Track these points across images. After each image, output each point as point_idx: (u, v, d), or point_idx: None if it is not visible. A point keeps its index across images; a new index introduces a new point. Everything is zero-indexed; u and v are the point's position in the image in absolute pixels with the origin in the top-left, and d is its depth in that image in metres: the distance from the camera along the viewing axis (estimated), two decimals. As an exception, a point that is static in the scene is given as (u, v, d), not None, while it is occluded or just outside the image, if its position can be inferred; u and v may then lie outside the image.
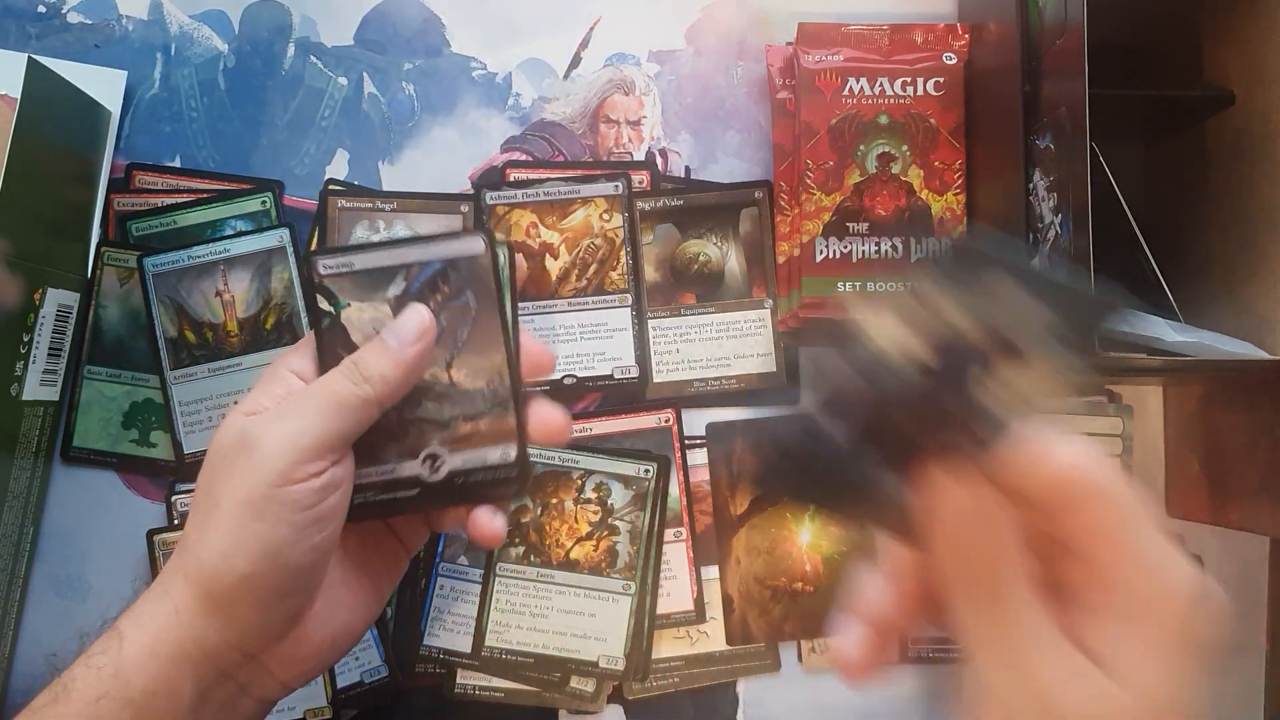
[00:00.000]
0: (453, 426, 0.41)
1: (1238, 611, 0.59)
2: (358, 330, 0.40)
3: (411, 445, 0.41)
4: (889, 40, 0.58)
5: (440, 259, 0.40)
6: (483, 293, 0.41)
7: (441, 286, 0.41)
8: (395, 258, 0.40)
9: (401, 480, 0.40)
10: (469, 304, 0.41)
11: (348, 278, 0.40)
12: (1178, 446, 0.58)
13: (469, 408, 0.41)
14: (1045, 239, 0.49)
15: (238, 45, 0.61)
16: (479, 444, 0.41)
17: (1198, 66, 0.55)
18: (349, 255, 0.40)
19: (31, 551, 0.57)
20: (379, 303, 0.40)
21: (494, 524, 0.41)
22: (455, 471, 0.41)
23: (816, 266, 0.56)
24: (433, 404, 0.41)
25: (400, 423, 0.40)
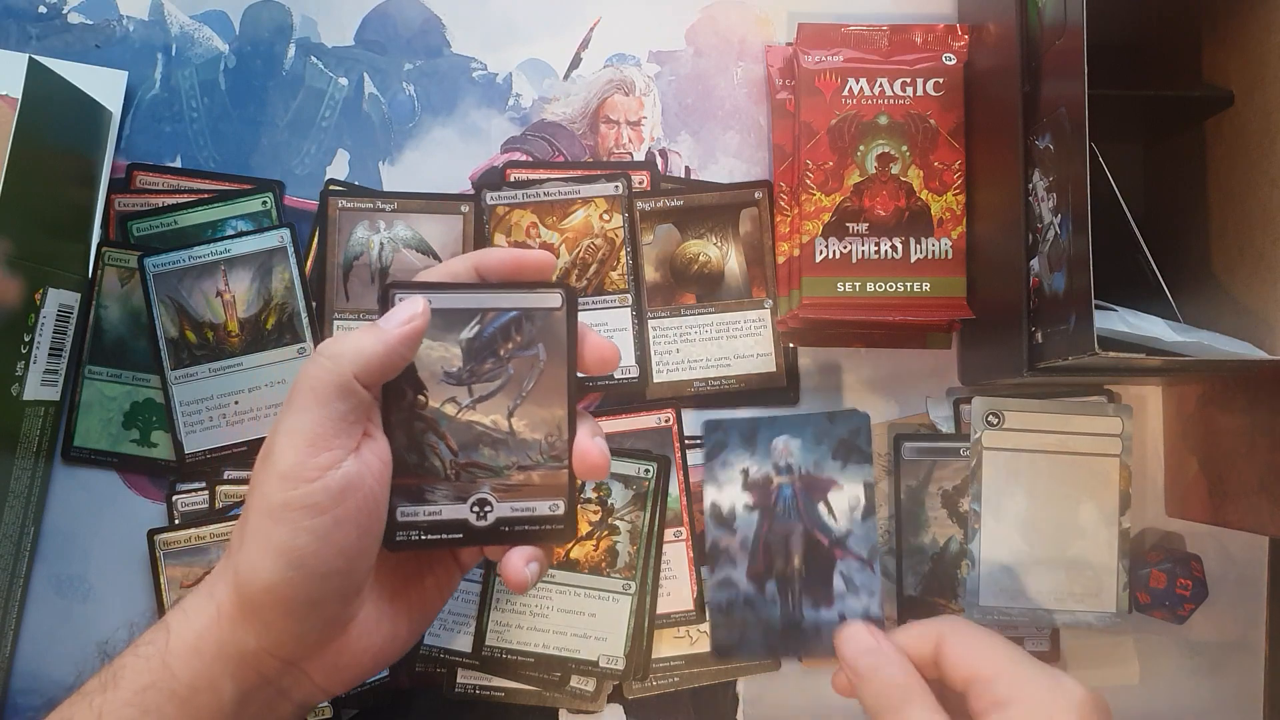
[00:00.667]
0: (506, 475, 0.41)
1: (1237, 611, 0.59)
2: (425, 368, 0.41)
3: (463, 489, 0.41)
4: (889, 41, 0.58)
5: (517, 308, 0.41)
6: (553, 346, 0.41)
7: (514, 335, 0.41)
8: (473, 302, 0.41)
9: (448, 523, 0.41)
10: (538, 356, 0.41)
11: None
12: (1177, 446, 0.58)
13: (524, 458, 0.41)
14: (1045, 239, 0.49)
15: (238, 46, 0.61)
16: (530, 495, 0.41)
17: (1198, 66, 0.55)
18: (427, 293, 0.41)
19: (32, 551, 0.57)
20: (451, 344, 0.41)
21: (525, 571, 0.41)
22: (502, 519, 0.41)
23: (816, 267, 0.56)
24: (489, 450, 0.41)
25: (454, 466, 0.41)
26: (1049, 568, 0.56)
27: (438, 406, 0.41)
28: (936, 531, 0.57)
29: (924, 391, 0.59)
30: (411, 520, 0.41)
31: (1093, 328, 0.43)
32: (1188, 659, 0.59)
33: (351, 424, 0.38)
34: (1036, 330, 0.49)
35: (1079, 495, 0.56)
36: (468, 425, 0.41)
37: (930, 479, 0.57)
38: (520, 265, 0.43)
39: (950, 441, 0.57)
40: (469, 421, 0.41)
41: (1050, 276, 0.48)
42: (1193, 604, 0.57)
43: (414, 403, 0.41)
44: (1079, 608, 0.55)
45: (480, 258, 0.43)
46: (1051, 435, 0.56)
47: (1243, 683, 0.59)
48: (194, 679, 0.37)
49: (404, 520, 0.40)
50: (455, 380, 0.41)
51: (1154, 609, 0.57)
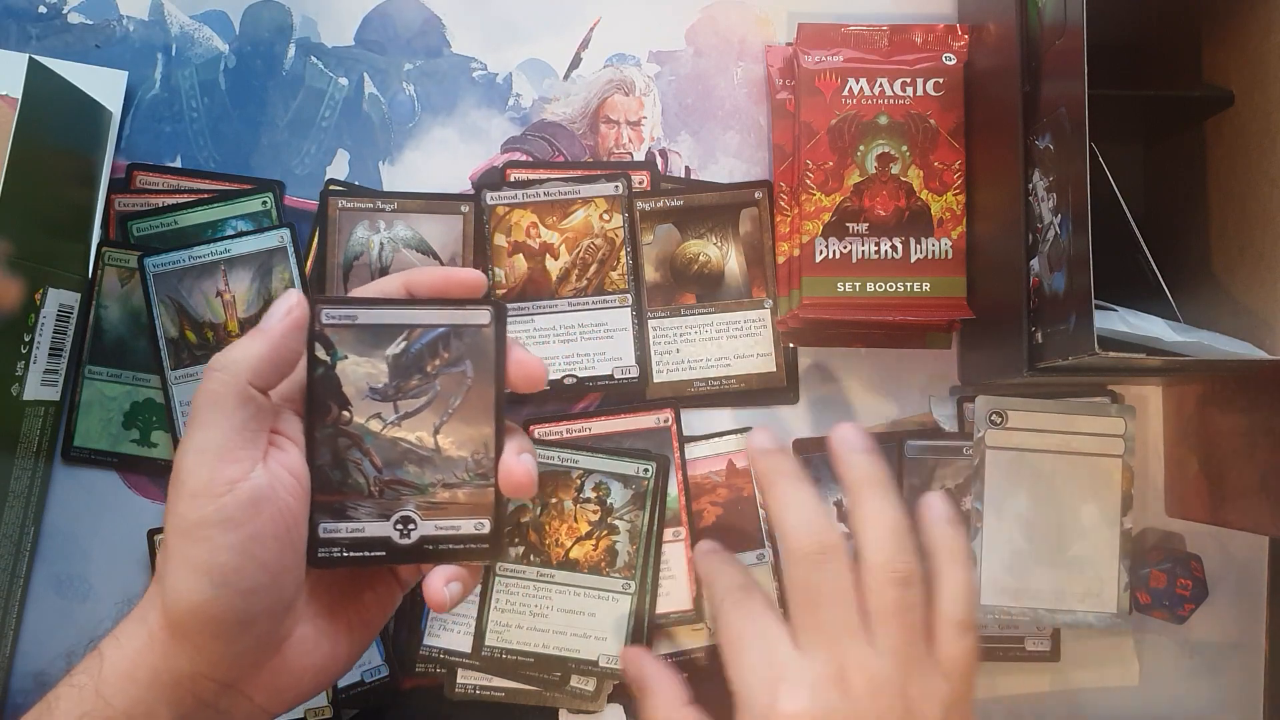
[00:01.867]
0: (430, 492, 0.41)
1: (1237, 611, 0.59)
2: (350, 383, 0.40)
3: (386, 507, 0.40)
4: (889, 41, 0.58)
5: (445, 324, 0.41)
6: (481, 364, 0.41)
7: (442, 352, 0.41)
8: (400, 317, 0.41)
9: (370, 540, 0.40)
10: (466, 373, 0.41)
11: (350, 330, 0.40)
12: (1177, 446, 0.58)
13: (450, 476, 0.41)
14: (1045, 239, 0.49)
15: (238, 45, 0.61)
16: (455, 514, 0.41)
17: (1198, 66, 0.55)
18: (354, 308, 0.40)
19: (32, 551, 0.57)
20: (378, 360, 0.40)
21: (444, 591, 0.40)
22: (426, 538, 0.41)
23: (816, 267, 0.56)
24: (414, 467, 0.41)
25: (378, 483, 0.40)
26: (1050, 567, 0.56)
27: (362, 422, 0.40)
28: (937, 531, 0.57)
29: (924, 391, 0.59)
30: (333, 537, 0.40)
31: (1093, 328, 0.43)
32: (1188, 659, 0.59)
33: (254, 432, 0.38)
34: (1036, 330, 0.49)
35: (1081, 495, 0.56)
36: (393, 442, 0.41)
37: (933, 478, 0.57)
38: (450, 283, 0.43)
39: (953, 440, 0.57)
40: (394, 438, 0.41)
41: (1050, 276, 0.48)
42: (1193, 604, 0.57)
43: (338, 418, 0.40)
44: (1079, 608, 0.55)
45: (410, 276, 0.43)
46: (1054, 435, 0.56)
47: (1243, 683, 0.59)
48: (130, 707, 0.37)
49: (326, 537, 0.40)
50: (381, 396, 0.40)
51: (1154, 609, 0.57)
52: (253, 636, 0.38)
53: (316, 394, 0.40)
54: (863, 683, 0.41)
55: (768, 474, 0.45)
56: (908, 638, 0.42)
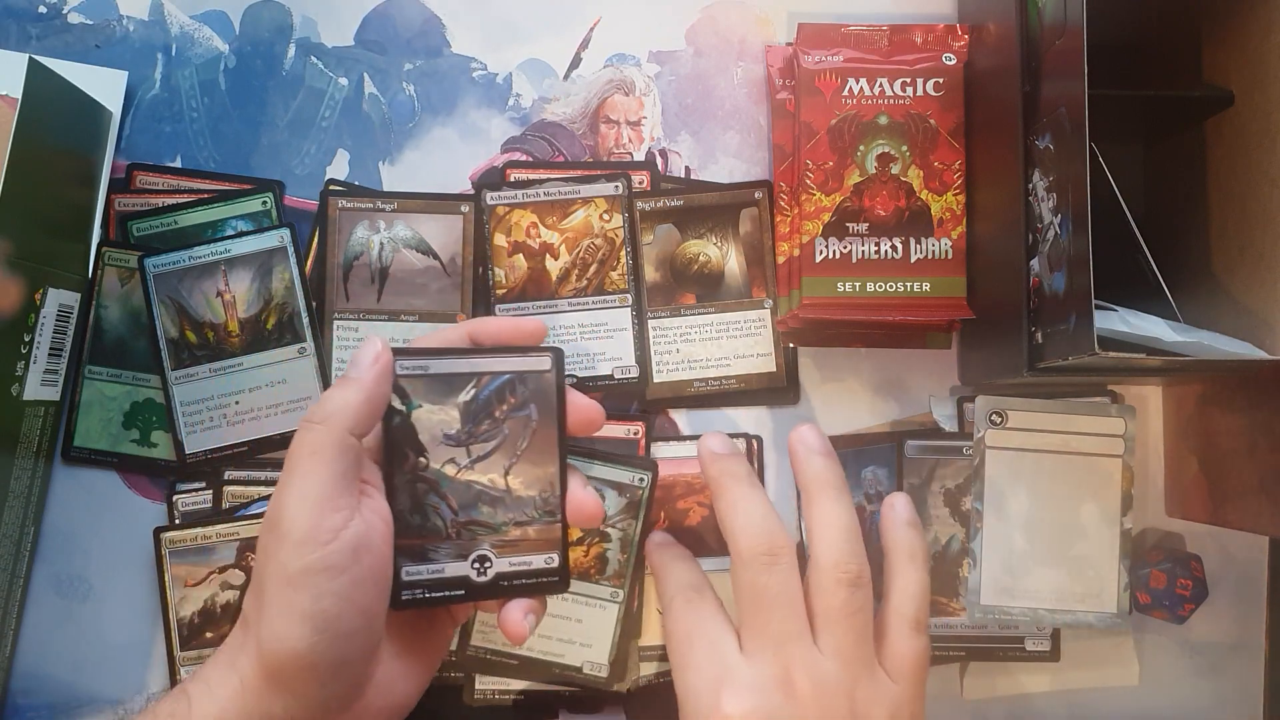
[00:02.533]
0: (503, 531, 0.43)
1: (1237, 611, 0.59)
2: (425, 431, 0.42)
3: (463, 547, 0.43)
4: (889, 41, 0.58)
5: (511, 371, 0.43)
6: (545, 407, 0.44)
7: (509, 397, 0.43)
8: (469, 366, 0.43)
9: (450, 580, 0.42)
10: (531, 416, 0.43)
11: (422, 380, 0.43)
12: (1177, 446, 0.58)
13: (520, 515, 0.43)
14: (1045, 239, 0.49)
15: (238, 45, 0.61)
16: (526, 550, 0.43)
17: (1198, 66, 0.55)
18: (425, 359, 0.43)
19: (32, 551, 0.57)
20: (450, 407, 0.43)
21: (524, 624, 0.43)
22: (501, 574, 0.43)
23: (816, 267, 0.56)
24: (488, 508, 0.43)
25: (455, 525, 0.42)
26: (1050, 567, 0.56)
27: (438, 468, 0.42)
28: (938, 530, 0.57)
29: (924, 391, 0.59)
30: (416, 579, 0.42)
31: (1093, 328, 0.43)
32: (1188, 659, 0.59)
33: (352, 481, 0.39)
34: (1036, 330, 0.49)
35: (1081, 495, 0.56)
36: (467, 485, 0.43)
37: (933, 477, 0.57)
38: (515, 331, 0.46)
39: (953, 440, 0.57)
40: (468, 481, 0.43)
41: (1050, 276, 0.48)
42: (1193, 604, 0.57)
43: (416, 465, 0.42)
44: (1079, 608, 0.55)
45: (475, 326, 0.46)
46: (1055, 435, 0.56)
47: (1243, 683, 0.59)
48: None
49: (409, 580, 0.42)
50: (455, 442, 0.43)
51: (1154, 609, 0.57)
52: (346, 680, 0.39)
53: (394, 442, 0.42)
54: (808, 686, 0.41)
55: (718, 478, 0.46)
56: (856, 639, 0.42)
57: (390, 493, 0.42)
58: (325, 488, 0.38)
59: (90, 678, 0.57)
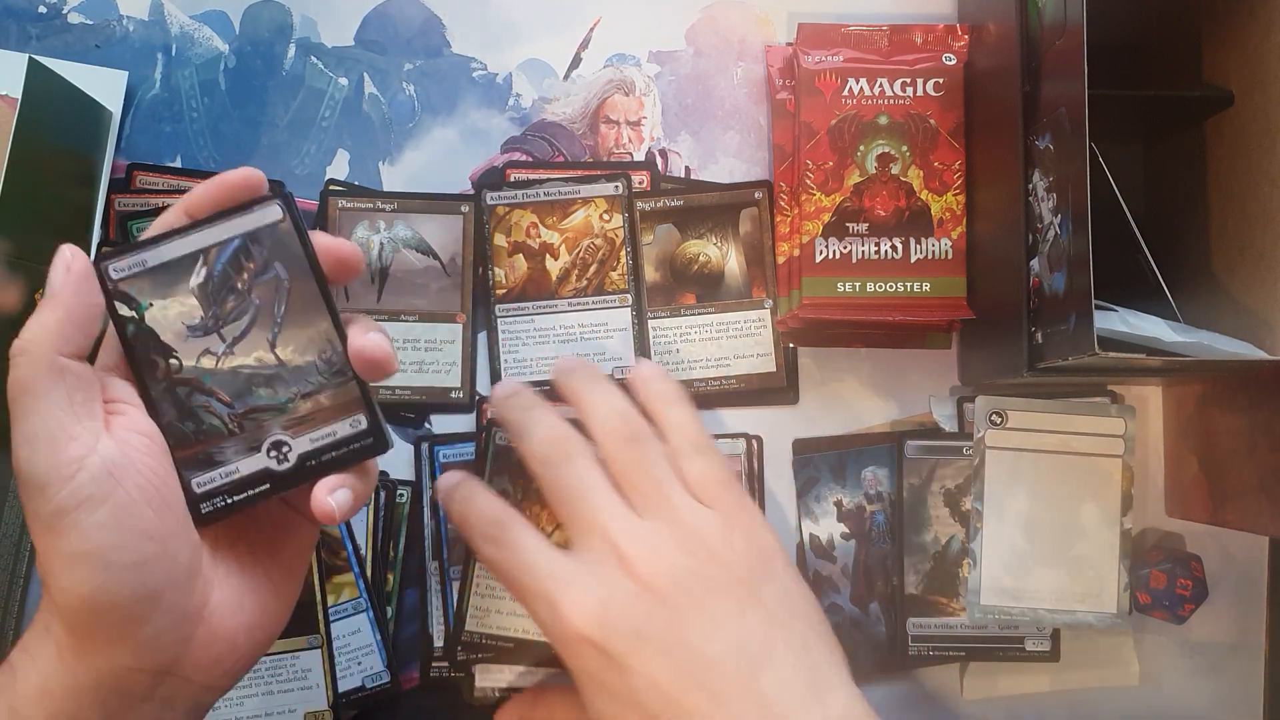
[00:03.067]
0: (291, 409, 0.38)
1: (1237, 611, 0.59)
2: (166, 329, 0.38)
3: (252, 438, 0.38)
4: (889, 41, 0.58)
5: (238, 235, 0.38)
6: (292, 260, 0.38)
7: (245, 264, 0.38)
8: (190, 245, 0.38)
9: (249, 478, 0.38)
10: (279, 275, 0.38)
11: (145, 277, 0.38)
12: (1177, 447, 0.58)
13: (304, 385, 0.38)
14: (1045, 239, 0.49)
15: (238, 45, 0.61)
16: (325, 420, 0.38)
17: (1198, 66, 0.55)
18: (141, 253, 0.38)
19: (32, 552, 0.57)
20: (184, 295, 0.38)
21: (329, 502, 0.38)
22: (305, 454, 0.38)
23: (816, 267, 0.56)
24: (265, 389, 0.38)
25: (234, 418, 0.38)
26: (1050, 567, 0.56)
27: (194, 364, 0.38)
28: (938, 530, 0.57)
29: (924, 391, 0.59)
30: (211, 488, 0.38)
31: (1093, 328, 0.43)
32: (1188, 659, 0.59)
33: (83, 404, 0.36)
34: (1036, 330, 0.49)
35: (1081, 495, 0.56)
36: (233, 372, 0.38)
37: (932, 477, 0.57)
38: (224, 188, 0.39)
39: (953, 440, 0.57)
40: (233, 368, 0.38)
41: (1050, 276, 0.48)
42: (1193, 604, 0.57)
43: (168, 369, 0.38)
44: (1079, 608, 0.56)
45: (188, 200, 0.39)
46: (1055, 435, 0.56)
47: (1243, 683, 0.59)
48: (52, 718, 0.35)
49: (203, 490, 0.38)
50: (202, 331, 0.38)
51: (1154, 609, 0.57)
52: (163, 613, 0.36)
53: (136, 351, 0.38)
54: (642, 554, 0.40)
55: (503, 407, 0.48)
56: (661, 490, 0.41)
57: (150, 407, 0.38)
58: (50, 421, 0.34)
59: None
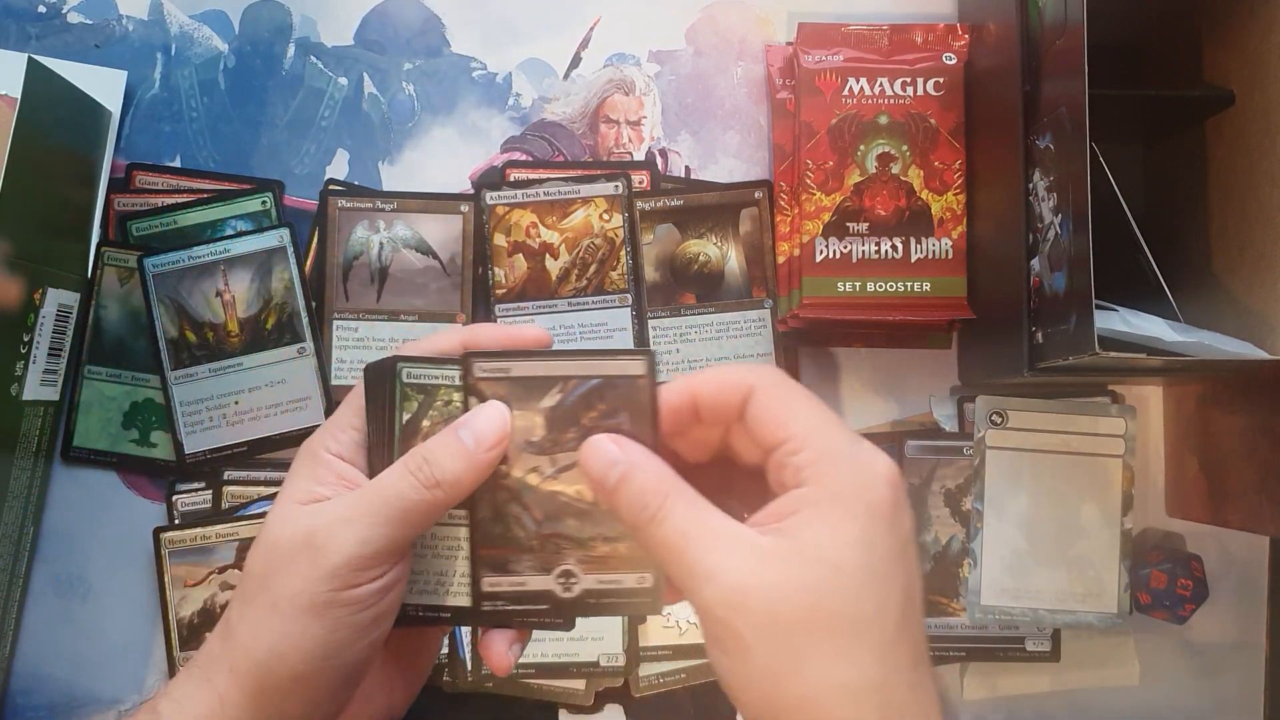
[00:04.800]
0: (590, 546, 0.40)
1: (1237, 611, 0.59)
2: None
3: (547, 561, 0.40)
4: (889, 40, 0.58)
5: (600, 376, 0.39)
6: (638, 415, 0.39)
7: (596, 404, 0.39)
8: (555, 369, 0.39)
9: (533, 594, 0.40)
10: (622, 425, 0.39)
11: (504, 383, 0.40)
12: (1177, 446, 0.58)
13: (609, 530, 0.39)
14: (1045, 239, 0.49)
15: (238, 45, 0.61)
16: (616, 568, 0.40)
17: (1198, 66, 0.55)
18: (508, 361, 0.39)
19: (32, 551, 0.57)
20: (533, 413, 0.39)
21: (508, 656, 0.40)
22: (589, 591, 0.40)
23: (816, 266, 0.56)
24: (573, 521, 0.39)
25: (538, 537, 0.40)
26: (1051, 567, 0.56)
27: (520, 476, 0.39)
28: (939, 530, 0.57)
29: (924, 391, 0.59)
30: (496, 590, 0.40)
31: (1093, 328, 0.43)
32: (1188, 659, 0.59)
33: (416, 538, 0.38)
34: (1037, 330, 0.49)
35: (1081, 495, 0.56)
36: (551, 495, 0.40)
37: (933, 477, 0.57)
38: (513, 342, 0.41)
39: (954, 440, 0.57)
40: (552, 491, 0.40)
41: (1050, 276, 0.48)
42: (1193, 604, 0.57)
43: (498, 473, 0.39)
44: (1080, 608, 0.55)
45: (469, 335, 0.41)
46: (1055, 435, 0.56)
47: (1243, 683, 0.59)
48: None
49: (489, 590, 0.40)
50: (538, 450, 0.39)
51: (1154, 609, 0.57)
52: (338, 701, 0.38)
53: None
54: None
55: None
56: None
57: (471, 499, 0.39)
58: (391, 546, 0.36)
59: (90, 678, 0.57)
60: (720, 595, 0.33)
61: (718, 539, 0.34)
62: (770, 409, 0.35)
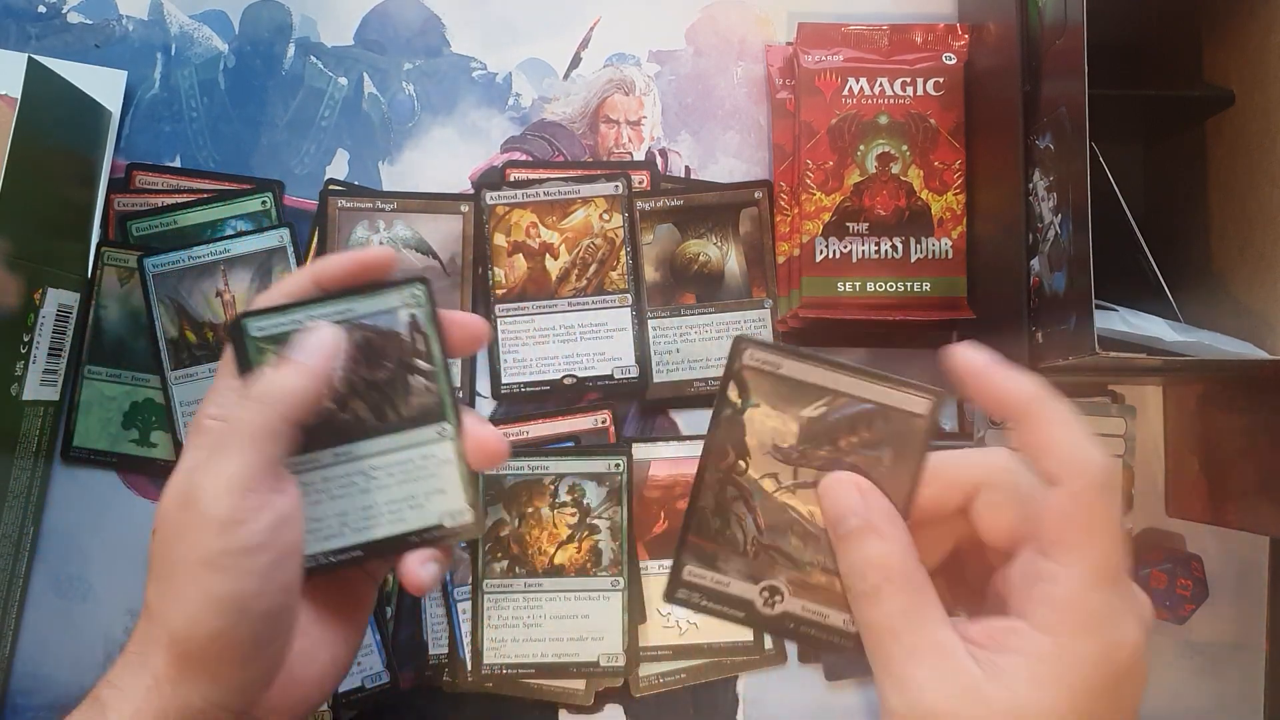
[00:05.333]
0: (806, 571, 0.37)
1: (1237, 611, 0.59)
2: (755, 434, 0.37)
3: (756, 570, 0.37)
4: (889, 40, 0.58)
5: (876, 402, 0.37)
6: (902, 458, 0.36)
7: (862, 429, 0.37)
8: (830, 380, 0.37)
9: (731, 597, 0.38)
10: (882, 459, 0.36)
11: (769, 378, 0.37)
12: (1177, 446, 0.58)
13: (831, 562, 0.37)
14: (1045, 239, 0.49)
15: (238, 45, 0.61)
16: (826, 601, 0.37)
17: (1198, 66, 0.55)
18: (782, 356, 0.37)
19: (31, 551, 0.57)
20: (791, 419, 0.37)
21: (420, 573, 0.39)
22: (790, 615, 0.37)
23: (816, 266, 0.56)
24: (797, 540, 0.37)
25: (756, 544, 0.37)
26: (1049, 568, 0.56)
27: (756, 477, 0.37)
28: (937, 531, 0.57)
29: (924, 391, 0.59)
30: (696, 583, 0.38)
31: (1093, 328, 0.43)
32: (1188, 659, 0.59)
33: (278, 464, 0.38)
34: (1037, 330, 0.49)
35: (1079, 495, 0.56)
36: (782, 507, 0.37)
37: (931, 479, 0.57)
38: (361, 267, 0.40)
39: (953, 440, 0.57)
40: (784, 504, 0.37)
41: (1050, 276, 0.48)
42: (1193, 604, 0.57)
43: (734, 465, 0.37)
44: (1079, 608, 0.55)
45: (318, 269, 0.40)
46: (1052, 435, 0.56)
47: (1243, 683, 0.59)
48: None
49: (689, 580, 0.38)
50: (783, 457, 0.37)
51: (1154, 609, 0.57)
52: (265, 658, 0.37)
53: (718, 435, 0.37)
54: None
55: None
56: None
57: (699, 485, 0.37)
58: (253, 470, 0.36)
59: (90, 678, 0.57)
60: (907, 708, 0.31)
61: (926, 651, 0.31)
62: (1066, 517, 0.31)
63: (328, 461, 0.40)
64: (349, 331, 0.40)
